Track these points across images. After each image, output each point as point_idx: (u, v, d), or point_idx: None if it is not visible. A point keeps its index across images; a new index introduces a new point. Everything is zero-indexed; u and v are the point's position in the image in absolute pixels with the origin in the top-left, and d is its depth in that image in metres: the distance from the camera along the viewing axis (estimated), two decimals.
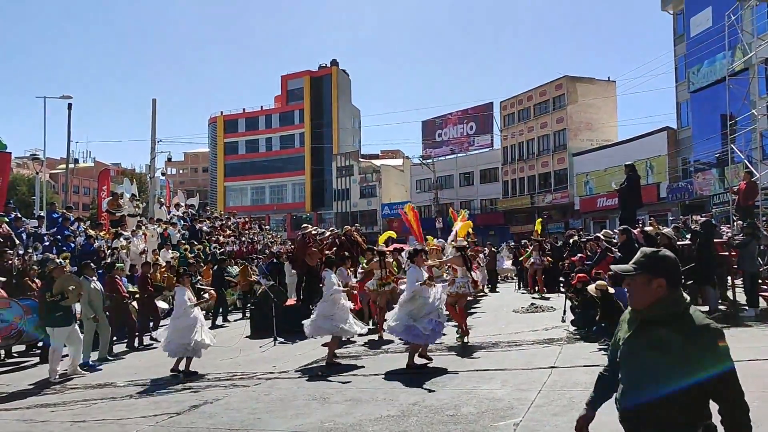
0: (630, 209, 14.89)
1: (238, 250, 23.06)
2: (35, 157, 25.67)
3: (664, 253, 2.77)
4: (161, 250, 17.91)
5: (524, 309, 14.75)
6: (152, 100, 32.68)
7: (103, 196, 22.08)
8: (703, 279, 12.17)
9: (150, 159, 32.57)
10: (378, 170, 71.09)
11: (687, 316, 2.65)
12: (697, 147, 36.34)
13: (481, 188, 60.97)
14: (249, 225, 31.33)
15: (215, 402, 7.70)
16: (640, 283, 2.74)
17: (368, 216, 68.20)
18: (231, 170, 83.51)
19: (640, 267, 2.76)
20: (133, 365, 11.15)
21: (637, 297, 2.76)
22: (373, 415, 6.50)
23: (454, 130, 63.76)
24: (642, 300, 2.74)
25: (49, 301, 10.09)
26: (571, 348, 9.72)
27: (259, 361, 10.56)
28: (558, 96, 52.22)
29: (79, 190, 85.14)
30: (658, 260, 2.74)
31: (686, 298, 2.70)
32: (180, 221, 22.72)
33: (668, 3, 40.63)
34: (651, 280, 2.70)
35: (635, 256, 2.82)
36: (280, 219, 76.18)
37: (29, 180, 58.88)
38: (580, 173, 48.76)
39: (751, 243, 11.58)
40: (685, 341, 2.56)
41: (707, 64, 34.75)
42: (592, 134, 51.03)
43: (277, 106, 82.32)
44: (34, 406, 8.15)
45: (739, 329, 10.34)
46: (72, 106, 30.97)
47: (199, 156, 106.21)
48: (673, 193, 38.78)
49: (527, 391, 7.03)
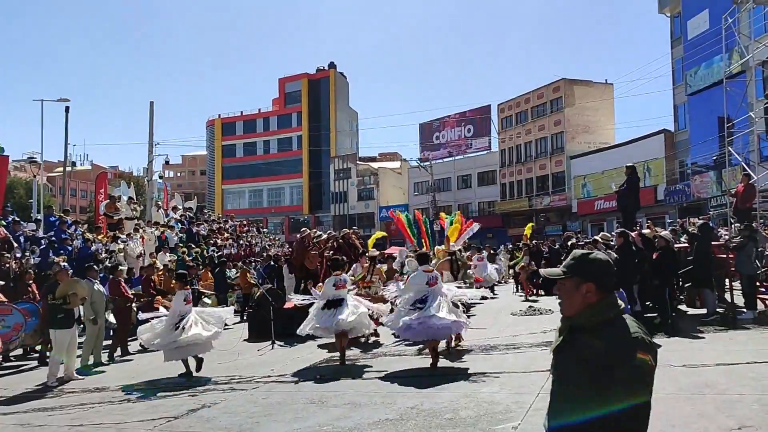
0: (628, 211, 14.89)
1: (236, 253, 23.03)
2: (32, 160, 25.66)
3: (595, 256, 2.57)
4: (158, 254, 17.88)
5: (522, 312, 14.75)
6: (150, 102, 32.70)
7: (100, 199, 22.02)
8: (701, 281, 12.20)
9: (147, 162, 32.54)
10: (376, 173, 71.12)
11: (617, 324, 2.44)
12: (694, 149, 36.38)
13: (479, 191, 61.02)
14: (247, 228, 31.30)
15: (213, 406, 7.68)
16: (568, 287, 2.55)
17: (366, 219, 68.22)
18: (229, 173, 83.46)
19: (568, 270, 2.56)
20: (131, 369, 11.12)
21: (566, 303, 2.56)
22: (372, 419, 6.49)
23: (452, 132, 63.85)
24: (571, 306, 2.54)
25: (51, 304, 10.10)
26: None
27: (258, 364, 10.54)
28: (555, 99, 52.30)
29: (77, 193, 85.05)
30: (588, 263, 2.54)
31: (619, 305, 2.50)
32: (177, 224, 22.67)
33: (665, 6, 40.74)
34: (580, 285, 2.50)
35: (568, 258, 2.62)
36: (277, 222, 76.16)
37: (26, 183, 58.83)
38: (578, 176, 48.81)
39: (748, 245, 11.59)
40: (606, 350, 2.34)
41: (704, 67, 34.80)
42: (590, 137, 51.11)
43: (274, 109, 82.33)
44: (31, 410, 8.12)
45: (737, 332, 10.36)
46: (69, 109, 30.99)
47: (196, 159, 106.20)
48: (670, 195, 38.82)
49: (525, 395, 7.02)
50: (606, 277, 2.51)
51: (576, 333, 2.49)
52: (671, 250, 11.76)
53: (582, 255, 2.59)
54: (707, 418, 5.84)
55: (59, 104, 31.03)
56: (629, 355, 2.31)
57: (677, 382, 7.18)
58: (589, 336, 2.41)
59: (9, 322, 11.48)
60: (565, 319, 2.57)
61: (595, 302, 2.47)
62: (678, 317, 11.56)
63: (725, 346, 9.20)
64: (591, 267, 2.52)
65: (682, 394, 6.70)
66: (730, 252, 12.02)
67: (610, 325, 2.42)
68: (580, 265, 2.54)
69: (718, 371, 7.59)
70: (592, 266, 2.52)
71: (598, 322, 2.44)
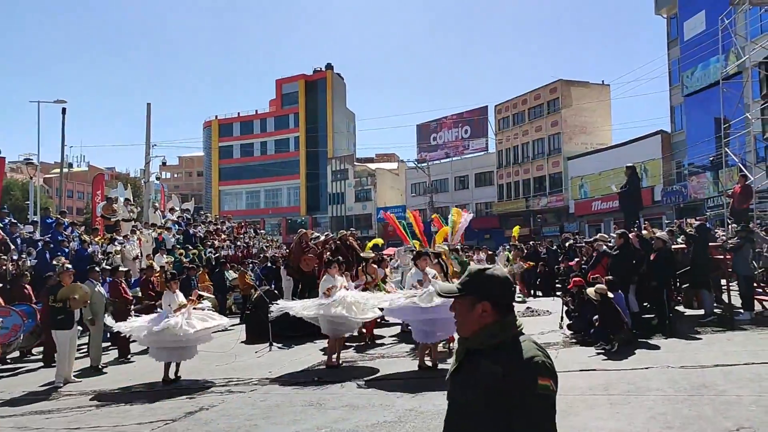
0: (631, 211, 14.89)
1: (233, 255, 22.99)
2: (29, 161, 25.58)
3: (492, 272, 2.36)
4: (156, 255, 17.85)
5: (520, 313, 14.74)
6: (147, 104, 32.65)
7: (97, 201, 21.98)
8: (699, 282, 12.22)
9: (144, 163, 32.49)
10: (373, 174, 71.10)
11: (515, 347, 2.24)
12: (691, 150, 36.44)
13: (476, 192, 61.03)
14: (244, 229, 31.24)
15: (211, 408, 7.66)
16: (464, 306, 2.34)
17: (363, 220, 68.22)
18: (226, 174, 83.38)
19: (463, 288, 2.36)
20: (129, 371, 11.09)
21: (460, 323, 2.35)
22: (370, 421, 6.49)
23: (449, 133, 63.87)
24: (466, 327, 2.33)
25: (51, 306, 10.11)
26: (568, 352, 9.72)
27: (255, 366, 10.52)
28: (552, 100, 52.34)
29: (73, 194, 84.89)
30: (484, 280, 2.33)
31: (518, 325, 2.31)
32: (175, 226, 22.62)
33: (662, 7, 40.82)
34: (476, 304, 2.30)
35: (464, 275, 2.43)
36: (275, 223, 76.13)
37: (23, 185, 58.64)
38: (575, 177, 48.86)
39: (745, 246, 11.61)
40: (504, 376, 2.15)
41: (701, 68, 34.88)
42: (587, 138, 51.15)
43: (271, 110, 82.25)
44: (28, 413, 8.09)
45: (734, 333, 10.38)
46: (66, 111, 30.92)
47: (193, 160, 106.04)
48: (667, 196, 38.89)
49: None
50: (504, 296, 2.35)
51: (472, 356, 2.30)
52: (668, 251, 11.79)
53: (478, 271, 2.40)
54: (705, 419, 5.85)
55: (56, 106, 31.01)
56: (529, 382, 2.14)
57: (675, 383, 7.20)
58: (486, 360, 2.22)
59: (7, 324, 11.45)
60: (461, 341, 2.38)
61: (491, 323, 2.28)
62: (675, 318, 11.57)
63: (723, 347, 9.22)
64: (487, 284, 2.33)
65: (680, 395, 6.71)
66: (728, 253, 12.04)
67: (508, 347, 2.24)
68: (476, 283, 2.35)
69: (715, 372, 7.60)
70: (489, 283, 2.33)
71: (496, 344, 2.25)
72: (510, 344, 2.25)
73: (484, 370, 2.20)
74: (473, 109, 61.72)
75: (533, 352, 2.21)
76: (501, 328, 2.28)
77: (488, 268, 2.40)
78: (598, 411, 6.34)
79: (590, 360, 8.94)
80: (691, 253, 12.28)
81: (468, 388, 2.26)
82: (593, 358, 9.05)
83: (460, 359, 2.35)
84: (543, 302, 16.71)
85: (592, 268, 12.17)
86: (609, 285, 10.31)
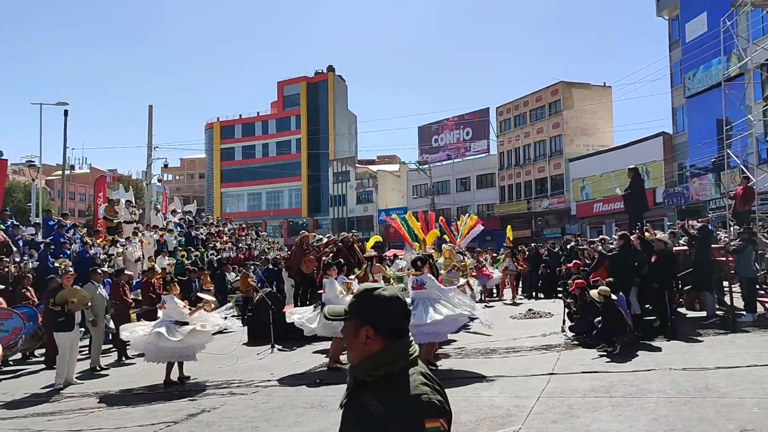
0: (636, 213, 14.85)
1: (235, 257, 23.00)
2: (31, 163, 25.65)
3: (379, 293, 2.08)
4: (157, 257, 17.85)
5: (522, 315, 14.73)
6: (149, 106, 32.71)
7: (99, 203, 22.01)
8: (701, 284, 12.19)
9: (146, 165, 32.53)
10: (374, 176, 71.10)
11: (401, 380, 1.97)
12: (693, 152, 36.40)
13: (477, 194, 60.99)
14: (246, 231, 31.28)
15: (213, 410, 7.66)
16: (349, 330, 2.09)
17: (365, 222, 68.16)
18: (227, 176, 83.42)
19: (349, 309, 2.11)
20: (131, 373, 11.09)
21: (348, 349, 2.11)
22: None
23: (451, 135, 63.86)
24: (352, 353, 2.08)
25: (51, 309, 10.12)
26: (570, 354, 9.71)
27: (257, 368, 10.52)
28: (554, 102, 52.32)
29: (75, 196, 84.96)
30: (368, 301, 2.07)
31: (411, 353, 2.05)
32: (176, 228, 22.66)
33: (663, 9, 40.81)
34: (359, 329, 2.04)
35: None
36: (276, 225, 76.15)
37: (25, 187, 58.73)
38: (577, 178, 48.82)
39: (747, 248, 11.58)
40: (386, 415, 1.91)
41: (703, 70, 34.86)
42: (588, 140, 51.12)
43: (273, 112, 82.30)
44: (30, 415, 8.10)
45: (736, 335, 10.37)
46: (68, 113, 30.99)
47: (195, 162, 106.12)
48: (669, 198, 38.85)
49: (526, 398, 7.02)
50: (389, 320, 2.06)
51: (359, 389, 2.04)
52: (669, 253, 11.77)
53: (363, 291, 2.14)
54: (707, 421, 5.84)
55: (58, 108, 31.12)
56: (415, 424, 1.88)
57: (677, 386, 7.19)
58: (368, 395, 1.99)
59: (8, 327, 11.45)
60: (350, 369, 2.12)
61: (376, 351, 2.02)
62: (678, 320, 11.55)
63: (725, 349, 9.20)
64: (371, 306, 2.06)
65: (682, 397, 6.70)
66: (730, 255, 12.02)
67: (394, 380, 1.98)
68: (360, 304, 2.09)
69: (718, 374, 7.59)
70: (373, 305, 2.06)
71: (380, 376, 2.00)
72: (397, 377, 1.98)
73: (364, 407, 1.97)
74: (475, 110, 61.72)
75: (420, 389, 1.94)
76: (388, 358, 2.01)
77: (377, 288, 2.12)
78: (600, 413, 6.33)
79: (592, 362, 8.93)
80: (694, 255, 12.25)
81: (350, 426, 2.03)
82: (595, 360, 9.03)
83: (348, 391, 2.09)
84: (545, 304, 16.69)
85: (593, 270, 12.15)
86: (610, 287, 10.30)
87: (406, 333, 2.11)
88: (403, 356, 2.03)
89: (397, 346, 2.04)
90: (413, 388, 1.94)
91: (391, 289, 2.14)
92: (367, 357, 2.03)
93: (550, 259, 20.14)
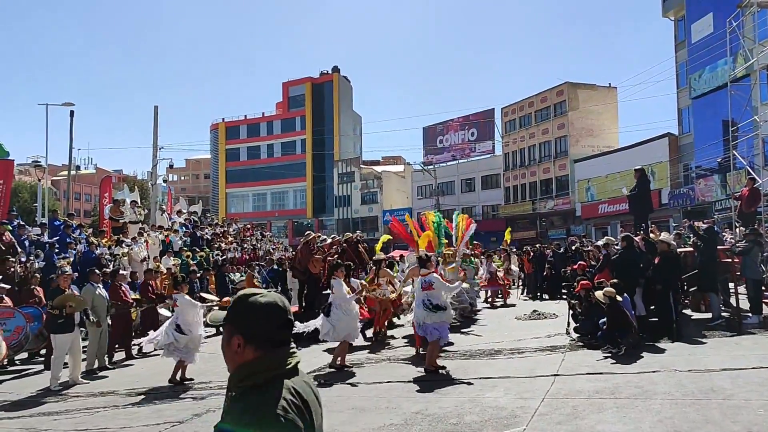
0: (641, 214, 14.84)
1: (239, 257, 23.03)
2: (37, 164, 25.70)
3: (255, 299, 1.96)
4: (163, 257, 17.89)
5: (526, 316, 14.72)
6: (154, 106, 32.74)
7: (104, 203, 22.07)
8: (707, 286, 12.15)
9: (152, 166, 32.59)
10: (379, 176, 71.12)
11: (263, 393, 1.86)
12: (698, 153, 36.32)
13: (482, 194, 60.95)
14: (250, 232, 31.31)
15: (218, 410, 7.66)
16: (224, 338, 1.99)
17: (369, 222, 68.18)
18: (232, 177, 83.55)
19: (227, 316, 2.01)
20: (136, 373, 11.13)
21: (224, 358, 1.99)
22: (376, 424, 6.49)
23: (456, 136, 63.84)
24: (227, 362, 1.97)
25: (50, 311, 10.16)
26: (574, 355, 9.69)
27: None
28: (559, 102, 52.28)
29: (81, 196, 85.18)
30: (239, 309, 1.97)
31: (288, 363, 1.95)
32: (182, 228, 22.69)
33: (669, 9, 40.73)
34: (231, 337, 1.95)
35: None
36: (281, 225, 76.24)
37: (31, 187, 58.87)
38: (582, 179, 48.76)
39: (754, 250, 11.54)
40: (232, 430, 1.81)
41: (709, 70, 34.78)
42: (594, 141, 51.06)
43: (278, 113, 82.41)
44: (36, 415, 8.13)
45: (742, 336, 10.32)
46: (74, 113, 31.09)
47: (200, 162, 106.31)
48: (674, 199, 38.76)
49: (531, 399, 7.01)
50: (263, 329, 1.94)
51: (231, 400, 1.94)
52: (673, 254, 11.72)
53: (238, 297, 2.02)
54: (713, 423, 5.82)
55: (64, 108, 31.18)
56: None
57: (683, 387, 7.17)
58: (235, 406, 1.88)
59: (10, 326, 11.49)
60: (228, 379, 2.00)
61: (247, 361, 1.92)
62: (683, 322, 11.51)
63: (731, 351, 9.17)
64: (244, 314, 1.96)
65: (688, 399, 6.68)
66: (736, 256, 11.98)
67: (256, 393, 1.87)
68: (234, 311, 1.98)
69: (723, 376, 7.56)
70: (246, 313, 1.95)
71: (246, 387, 1.89)
72: (261, 389, 1.88)
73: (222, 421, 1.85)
74: (480, 111, 61.69)
75: (279, 404, 1.82)
76: (256, 368, 1.90)
77: (254, 294, 1.99)
78: (605, 414, 6.32)
79: (597, 363, 8.91)
80: (699, 256, 12.21)
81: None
82: (600, 362, 9.02)
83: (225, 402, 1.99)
84: (549, 305, 16.66)
85: (599, 272, 12.13)
86: (615, 288, 10.27)
87: (285, 342, 1.99)
88: (273, 367, 1.92)
89: (270, 357, 1.93)
90: (270, 403, 1.82)
91: (271, 295, 2.01)
92: (239, 367, 1.93)
93: (555, 260, 20.10)
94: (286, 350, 1.98)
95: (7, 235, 14.07)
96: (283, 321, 1.99)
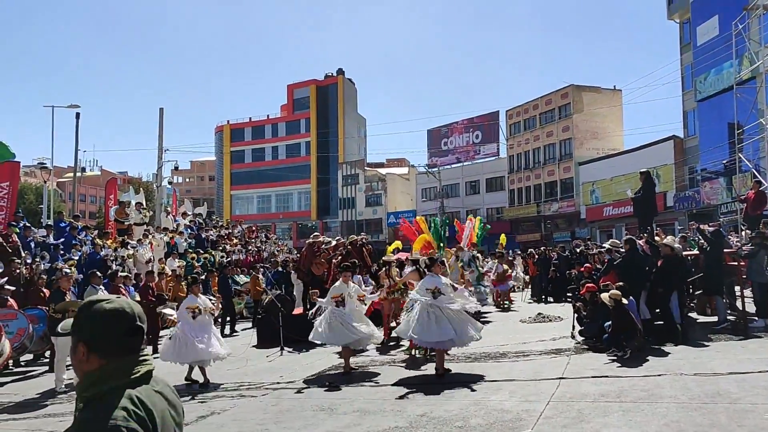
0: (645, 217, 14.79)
1: (244, 259, 23.08)
2: (43, 165, 25.81)
3: (99, 307, 1.89)
4: (168, 259, 17.94)
5: (531, 319, 14.69)
6: (159, 109, 32.87)
7: (110, 205, 22.15)
8: (712, 289, 12.11)
9: (157, 167, 32.69)
10: (383, 179, 71.11)
11: (103, 403, 1.79)
12: (704, 156, 36.20)
13: (487, 197, 60.88)
14: (255, 233, 31.37)
15: (223, 413, 7.68)
16: (71, 346, 1.91)
17: (374, 225, 68.19)
18: (237, 179, 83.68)
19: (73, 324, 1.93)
20: None
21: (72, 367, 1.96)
22: (381, 427, 6.48)
23: (460, 138, 63.81)
24: (76, 371, 1.91)
25: (52, 315, 10.19)
26: (580, 359, 9.67)
27: (267, 371, 10.54)
28: (564, 105, 52.21)
29: (86, 198, 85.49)
30: (83, 316, 1.89)
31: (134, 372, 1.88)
32: (187, 230, 22.76)
33: (674, 12, 40.67)
34: (76, 344, 1.88)
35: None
36: (285, 227, 76.28)
37: (37, 189, 59.16)
38: (586, 182, 48.67)
39: (760, 253, 11.48)
40: None
41: (714, 73, 34.67)
42: (598, 143, 50.98)
43: (283, 115, 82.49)
44: (42, 416, 8.16)
45: (748, 340, 10.29)
46: (80, 116, 31.17)
47: (205, 165, 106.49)
48: (680, 202, 38.65)
49: (536, 403, 6.99)
50: (107, 337, 1.86)
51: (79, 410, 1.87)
52: (676, 257, 11.67)
53: (83, 304, 1.95)
54: (719, 427, 5.80)
55: (70, 110, 31.29)
56: None
57: (688, 391, 7.14)
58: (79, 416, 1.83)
59: (13, 328, 11.50)
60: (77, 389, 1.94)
61: (92, 370, 1.85)
62: (689, 325, 11.47)
63: (736, 355, 9.14)
64: (87, 322, 1.88)
65: (694, 402, 6.66)
66: (742, 259, 11.93)
67: (97, 403, 1.80)
68: (78, 319, 1.91)
69: (729, 380, 7.53)
70: (88, 320, 1.88)
71: (89, 398, 1.83)
72: (102, 399, 1.80)
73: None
74: (484, 114, 61.66)
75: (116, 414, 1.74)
76: (101, 378, 1.84)
77: (99, 301, 1.93)
78: (610, 418, 6.30)
79: (603, 366, 8.89)
80: (705, 259, 12.17)
81: None
82: (606, 365, 8.99)
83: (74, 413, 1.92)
84: (554, 308, 16.64)
85: (604, 275, 12.10)
86: (620, 291, 10.24)
87: (134, 350, 1.92)
88: (117, 376, 1.84)
89: (115, 366, 1.86)
90: (107, 414, 1.74)
91: (117, 301, 1.93)
92: (84, 375, 1.87)
93: (560, 263, 20.09)
94: (134, 358, 1.91)
95: (14, 237, 14.14)
96: (130, 328, 1.90)
